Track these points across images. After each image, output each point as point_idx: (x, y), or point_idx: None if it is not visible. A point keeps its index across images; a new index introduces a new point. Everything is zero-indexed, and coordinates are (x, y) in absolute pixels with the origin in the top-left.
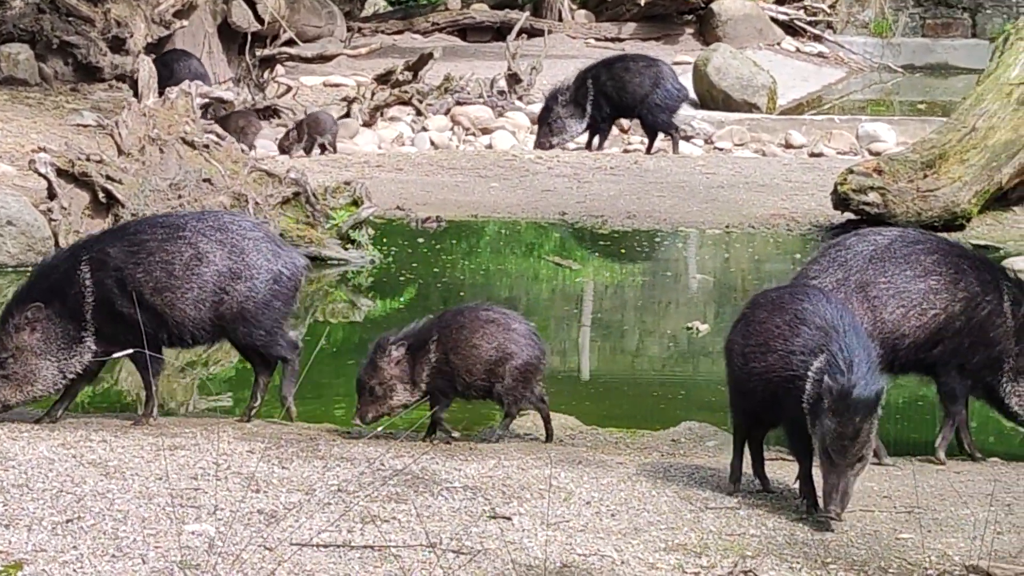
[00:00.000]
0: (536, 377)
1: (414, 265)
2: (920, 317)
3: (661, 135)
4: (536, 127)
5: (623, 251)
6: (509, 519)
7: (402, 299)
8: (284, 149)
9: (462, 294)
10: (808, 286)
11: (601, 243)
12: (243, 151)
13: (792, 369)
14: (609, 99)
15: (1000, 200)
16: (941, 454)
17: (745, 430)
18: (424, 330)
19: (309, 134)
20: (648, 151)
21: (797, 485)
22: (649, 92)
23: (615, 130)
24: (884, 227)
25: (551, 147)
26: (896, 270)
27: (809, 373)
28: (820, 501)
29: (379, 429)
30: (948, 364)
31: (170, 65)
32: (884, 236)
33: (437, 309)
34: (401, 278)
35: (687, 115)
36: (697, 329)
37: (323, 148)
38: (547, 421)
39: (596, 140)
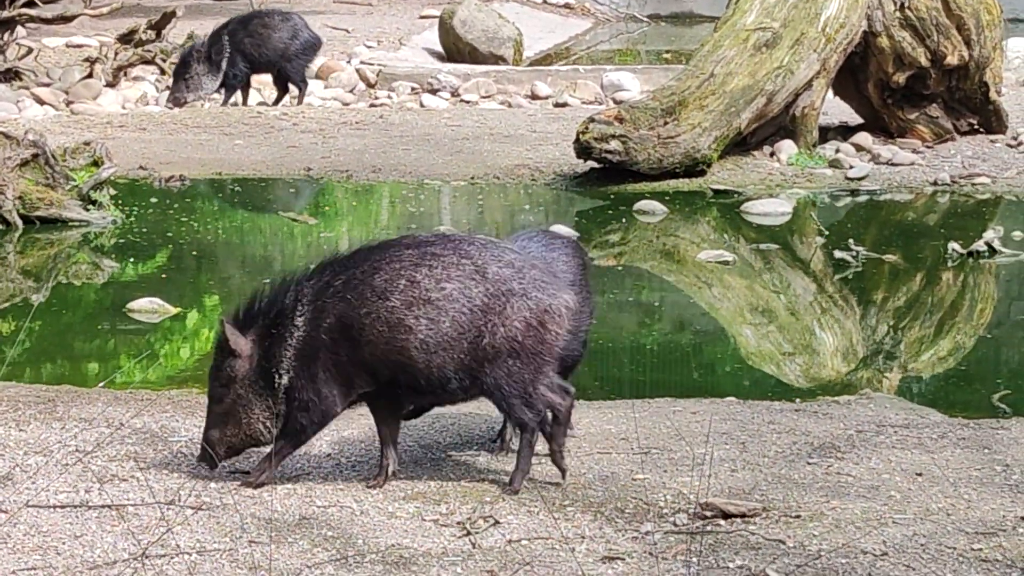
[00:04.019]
0: None
1: (146, 228)
2: None
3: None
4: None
5: (368, 205)
6: (248, 473)
7: (141, 258)
8: None
9: (195, 253)
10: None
11: (344, 197)
12: None
13: None
14: (246, 56)
15: (740, 145)
16: None
17: None
18: None
19: None
20: (277, 103)
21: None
22: (288, 45)
23: (361, 85)
24: None
25: (185, 103)
26: None
27: None
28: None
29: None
30: None
31: None
32: None
33: (181, 267)
34: (141, 238)
35: (435, 68)
36: None
37: None
38: None
39: (238, 96)
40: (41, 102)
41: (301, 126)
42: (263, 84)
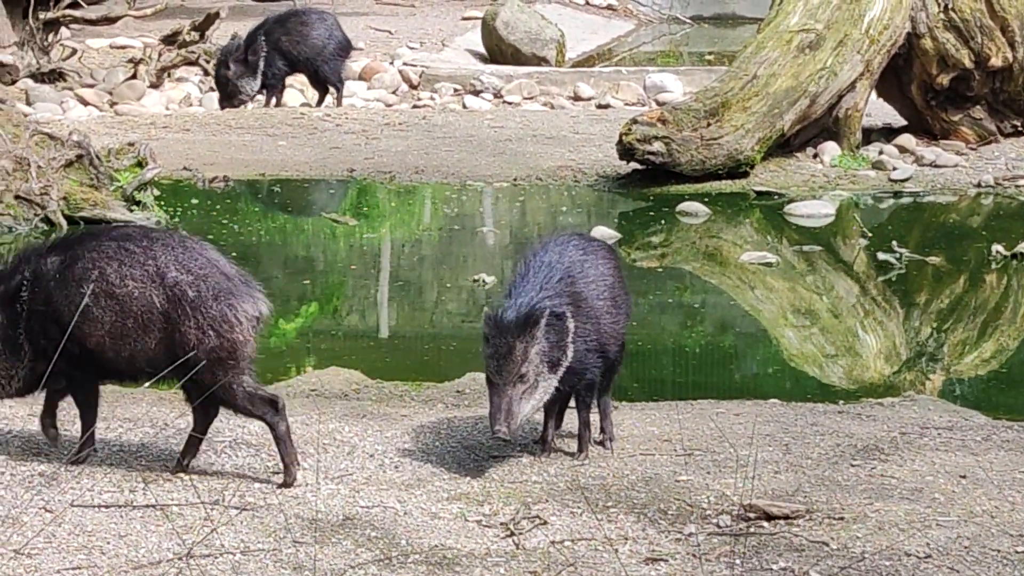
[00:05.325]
0: None
1: (189, 229)
2: None
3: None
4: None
5: (410, 206)
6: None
7: None
8: None
9: (235, 254)
10: None
11: (387, 199)
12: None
13: None
14: (285, 55)
15: (783, 147)
16: None
17: None
18: None
19: None
20: (320, 104)
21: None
22: (325, 44)
23: (404, 86)
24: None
25: (235, 107)
26: None
27: None
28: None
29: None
30: None
31: None
32: None
33: None
34: None
35: (477, 69)
36: (483, 281)
37: None
38: None
39: (274, 98)
40: (85, 103)
41: (344, 127)
42: (306, 85)
